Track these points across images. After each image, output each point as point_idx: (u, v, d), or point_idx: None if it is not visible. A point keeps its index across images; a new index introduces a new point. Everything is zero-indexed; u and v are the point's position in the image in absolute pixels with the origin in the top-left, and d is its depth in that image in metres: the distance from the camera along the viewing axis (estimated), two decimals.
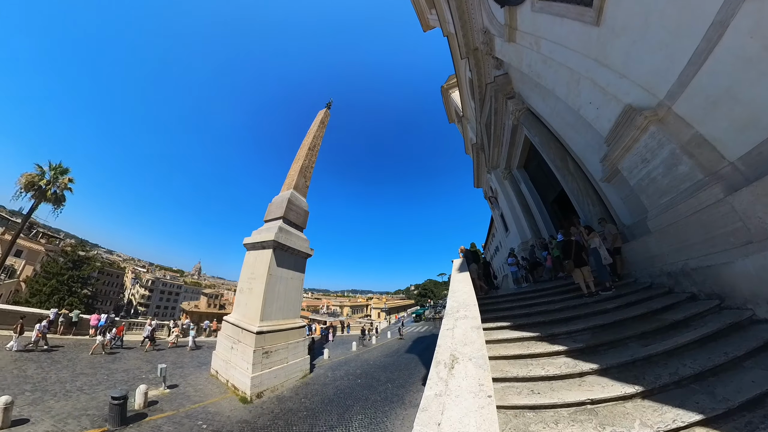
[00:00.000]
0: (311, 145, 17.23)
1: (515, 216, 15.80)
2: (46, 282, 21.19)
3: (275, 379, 10.83)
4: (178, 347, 16.41)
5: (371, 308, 70.22)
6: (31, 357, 10.27)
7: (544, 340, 4.27)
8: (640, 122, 4.83)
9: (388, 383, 11.14)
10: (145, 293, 72.25)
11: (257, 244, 13.57)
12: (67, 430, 6.24)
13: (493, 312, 6.55)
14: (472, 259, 9.26)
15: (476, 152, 19.38)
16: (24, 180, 16.73)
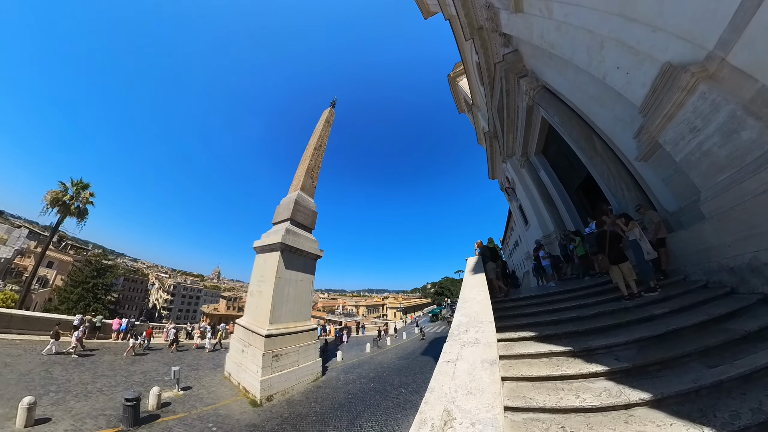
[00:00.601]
0: (317, 145, 17.09)
1: (535, 207, 14.68)
2: (73, 290, 23.11)
3: (285, 382, 10.80)
4: (199, 348, 17.22)
5: (387, 308, 70.17)
6: (58, 360, 10.84)
7: (577, 357, 3.52)
8: (685, 81, 3.99)
9: (401, 388, 10.77)
10: (168, 298, 76.32)
11: (265, 247, 13.61)
12: (85, 429, 6.49)
13: (514, 318, 5.77)
14: (489, 257, 8.35)
15: (489, 141, 18.31)
16: (49, 196, 18.32)
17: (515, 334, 4.61)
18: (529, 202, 15.25)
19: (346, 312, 67.44)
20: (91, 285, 23.79)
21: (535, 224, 16.01)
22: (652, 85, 4.55)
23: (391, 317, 64.07)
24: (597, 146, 7.19)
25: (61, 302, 22.80)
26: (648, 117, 4.93)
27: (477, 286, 5.41)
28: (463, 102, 22.08)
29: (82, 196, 19.56)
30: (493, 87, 11.44)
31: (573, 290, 6.55)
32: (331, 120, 18.73)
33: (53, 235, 20.09)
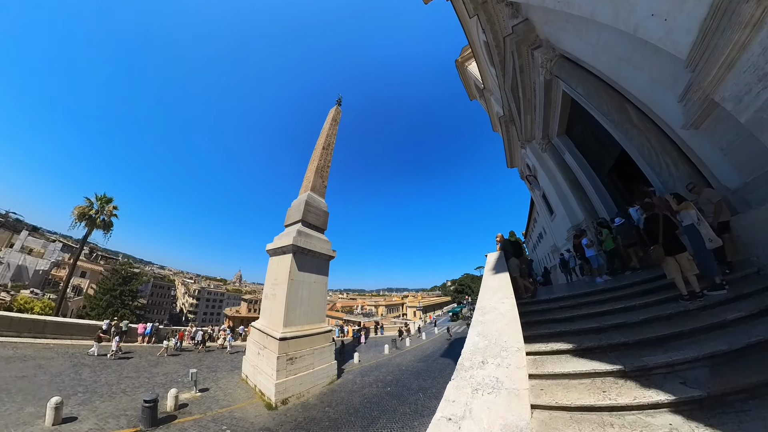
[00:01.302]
0: (325, 144, 17.02)
1: (561, 195, 13.54)
2: (102, 297, 25.34)
3: (301, 385, 10.80)
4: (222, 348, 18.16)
5: (407, 307, 69.71)
6: (87, 362, 11.56)
7: (629, 378, 2.77)
8: (747, 14, 3.13)
9: (419, 392, 10.40)
10: (193, 302, 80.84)
11: (278, 250, 13.73)
12: (107, 428, 6.79)
13: (545, 325, 4.92)
14: (512, 252, 7.36)
15: (505, 126, 17.12)
16: (77, 212, 20.07)
17: (546, 345, 3.89)
18: (554, 190, 14.06)
19: (365, 312, 67.63)
20: (119, 292, 26.05)
21: (561, 214, 14.73)
22: (701, 29, 3.67)
23: (410, 316, 63.65)
24: (632, 117, 6.13)
25: (91, 309, 25.18)
26: (697, 71, 4.02)
27: (499, 291, 4.36)
28: (473, 87, 21.09)
29: (106, 209, 21.40)
30: (505, 65, 10.58)
31: (615, 289, 5.62)
32: (338, 118, 18.59)
33: (82, 247, 22.14)
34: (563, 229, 14.80)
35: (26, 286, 36.26)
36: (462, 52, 19.84)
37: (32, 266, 41.31)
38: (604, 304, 5.14)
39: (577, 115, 10.10)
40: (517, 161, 20.41)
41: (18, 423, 6.33)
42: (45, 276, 41.64)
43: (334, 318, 56.17)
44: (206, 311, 79.98)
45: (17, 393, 7.68)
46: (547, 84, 9.60)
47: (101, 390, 8.96)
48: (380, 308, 70.94)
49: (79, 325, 14.71)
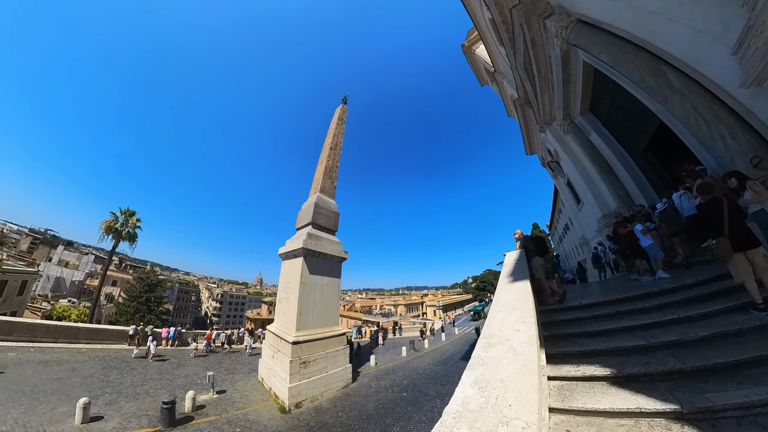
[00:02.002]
0: (332, 145, 17.30)
1: (588, 181, 12.55)
2: (130, 304, 27.80)
3: (314, 389, 11.02)
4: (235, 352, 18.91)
5: (426, 306, 68.95)
6: (115, 365, 12.54)
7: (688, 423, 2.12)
8: None
9: (436, 399, 10.23)
10: (217, 305, 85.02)
11: (289, 253, 14.09)
12: (129, 427, 7.35)
13: (575, 340, 4.09)
14: (535, 250, 6.42)
15: (521, 110, 16.35)
16: (104, 226, 22.32)
17: (576, 368, 3.19)
18: (580, 176, 13.08)
19: (384, 312, 67.44)
20: (145, 299, 28.47)
21: (590, 203, 13.76)
22: None
23: (430, 316, 62.93)
24: (672, 81, 5.24)
25: (120, 315, 27.76)
26: (759, 8, 3.31)
27: (516, 309, 3.34)
28: (483, 72, 20.56)
29: (130, 222, 23.51)
30: (514, 41, 10.09)
31: (664, 293, 4.59)
32: (344, 117, 18.83)
33: (110, 258, 24.74)
34: (592, 219, 13.84)
35: (64, 296, 40.56)
36: (468, 36, 19.44)
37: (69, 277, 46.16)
38: (650, 313, 4.15)
39: (602, 87, 9.30)
40: (537, 147, 19.49)
41: (52, 421, 6.99)
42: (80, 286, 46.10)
43: (353, 318, 56.54)
44: (229, 314, 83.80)
45: (52, 394, 8.47)
46: (564, 56, 8.87)
47: (126, 391, 9.68)
48: (399, 307, 70.39)
49: (108, 330, 16.05)
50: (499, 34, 10.66)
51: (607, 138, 10.69)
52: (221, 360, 16.36)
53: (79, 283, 46.31)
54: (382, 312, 66.76)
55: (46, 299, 34.29)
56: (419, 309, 71.91)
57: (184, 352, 17.10)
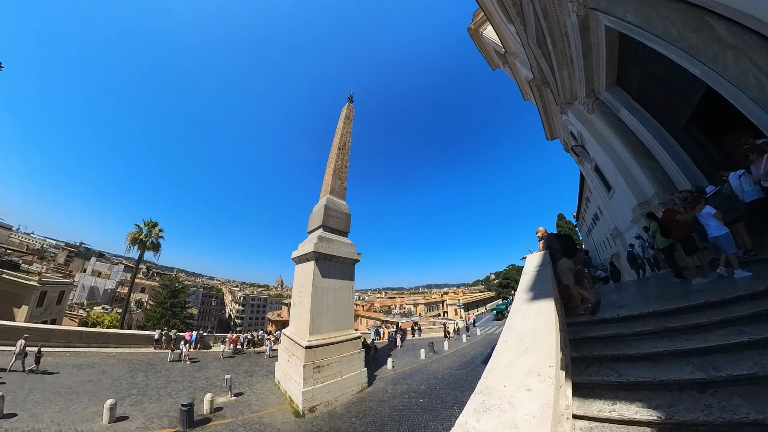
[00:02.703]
0: (340, 145, 17.48)
1: (619, 164, 11.50)
2: (156, 309, 30.51)
3: (328, 393, 11.21)
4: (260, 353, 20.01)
5: (447, 304, 68.07)
6: (141, 367, 13.51)
7: None
8: None
9: (454, 407, 10.04)
10: (240, 308, 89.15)
11: (302, 257, 14.38)
12: (152, 427, 7.93)
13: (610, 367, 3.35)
14: (561, 251, 5.43)
15: (538, 91, 15.33)
16: (130, 237, 24.39)
17: (611, 406, 2.62)
18: (609, 160, 12.10)
19: (404, 312, 67.20)
20: (169, 304, 30.80)
21: (622, 189, 12.67)
22: None
23: (451, 315, 62.04)
24: (720, 34, 4.46)
25: (147, 320, 30.13)
26: None
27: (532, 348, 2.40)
28: (493, 55, 19.77)
29: (153, 233, 25.37)
30: (524, 15, 9.38)
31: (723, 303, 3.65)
32: (351, 116, 18.97)
33: (137, 267, 27.64)
34: (626, 208, 12.76)
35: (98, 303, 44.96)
36: (473, 18, 18.78)
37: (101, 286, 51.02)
38: (710, 332, 3.26)
39: (629, 55, 8.44)
40: (558, 131, 18.33)
41: (82, 420, 7.67)
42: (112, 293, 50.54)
43: (373, 318, 56.88)
44: (251, 316, 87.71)
45: (84, 395, 9.29)
46: (582, 23, 8.14)
47: (151, 393, 10.41)
48: (419, 307, 69.78)
49: (135, 335, 17.41)
50: (506, 10, 10.02)
51: (639, 114, 9.67)
52: (241, 362, 17.11)
53: (111, 291, 50.96)
54: (401, 312, 66.58)
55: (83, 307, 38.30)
56: (440, 308, 71.08)
57: (206, 355, 18.09)
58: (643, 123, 9.61)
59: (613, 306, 5.25)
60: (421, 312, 66.21)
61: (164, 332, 18.04)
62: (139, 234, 24.87)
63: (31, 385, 9.48)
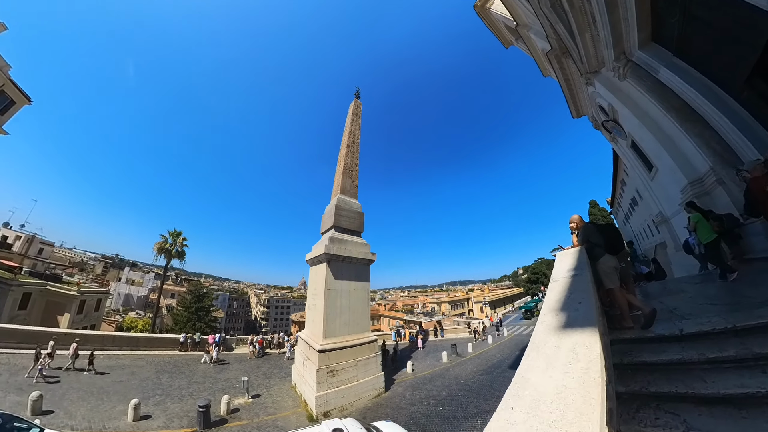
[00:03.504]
0: (349, 142, 17.59)
1: (663, 137, 10.02)
2: (183, 314, 33.40)
3: (343, 398, 11.38)
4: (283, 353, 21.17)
5: (472, 302, 66.33)
6: (167, 369, 14.59)
7: None
8: None
9: (476, 417, 9.67)
10: (264, 310, 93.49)
11: (314, 259, 14.65)
12: (172, 426, 8.58)
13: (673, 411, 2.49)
14: (603, 245, 4.38)
15: (557, 63, 13.83)
16: (156, 247, 26.93)
17: None
18: (650, 133, 10.67)
19: (427, 311, 66.37)
20: (195, 309, 33.52)
21: (667, 167, 11.04)
22: None
23: (476, 313, 60.42)
24: None
25: (175, 324, 33.02)
26: None
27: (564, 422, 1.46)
28: (504, 31, 18.63)
29: (177, 242, 27.79)
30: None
31: None
32: (359, 112, 19.04)
33: (165, 274, 30.37)
34: (673, 189, 11.09)
35: (132, 309, 49.98)
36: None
37: (135, 293, 56.70)
38: None
39: (666, 2, 7.31)
40: (585, 106, 16.66)
41: (110, 418, 8.46)
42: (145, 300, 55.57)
43: (395, 318, 57.07)
44: (276, 317, 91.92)
45: (114, 394, 10.22)
46: None
47: (173, 393, 11.22)
48: (443, 305, 68.62)
49: (162, 338, 18.90)
50: None
51: (684, 72, 8.23)
52: (261, 364, 17.91)
53: (143, 298, 56.23)
54: (424, 311, 65.98)
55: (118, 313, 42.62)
56: (464, 306, 69.42)
57: (229, 356, 19.16)
58: (689, 83, 8.17)
59: (671, 315, 3.94)
60: (444, 311, 65.20)
61: (189, 335, 19.33)
62: (164, 243, 27.37)
63: (68, 385, 10.62)
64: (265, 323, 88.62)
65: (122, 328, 30.39)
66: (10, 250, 28.94)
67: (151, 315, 32.43)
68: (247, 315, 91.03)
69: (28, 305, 21.09)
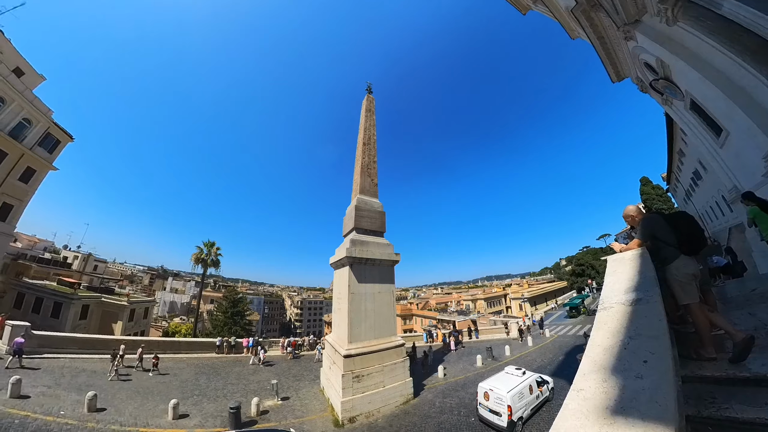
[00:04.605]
0: (365, 140, 17.68)
1: (734, 91, 8.19)
2: (220, 318, 36.85)
3: (370, 404, 11.57)
4: None
5: (510, 298, 63.08)
6: (205, 371, 16.08)
7: None
8: None
9: None
10: (298, 312, 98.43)
11: (337, 263, 14.97)
12: (206, 425, 9.56)
13: None
14: (675, 244, 3.29)
15: (587, 20, 11.84)
16: (193, 258, 30.46)
17: None
18: (715, 87, 8.78)
19: (461, 309, 64.46)
20: (230, 313, 36.84)
21: (742, 127, 8.77)
22: None
23: (515, 311, 57.31)
24: None
25: (213, 328, 36.51)
26: None
27: None
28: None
29: (212, 252, 31.09)
30: None
31: None
32: (372, 107, 19.03)
33: (202, 283, 34.49)
34: (751, 155, 8.99)
35: (177, 315, 56.13)
36: None
37: (179, 300, 64.25)
38: None
39: None
40: (626, 67, 14.34)
41: (153, 416, 9.66)
42: (188, 306, 62.50)
43: (428, 318, 56.57)
44: (309, 319, 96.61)
45: (157, 394, 11.56)
46: None
47: (210, 394, 12.40)
48: (478, 302, 66.10)
49: (201, 342, 21.12)
50: None
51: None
52: (292, 366, 19.01)
53: (186, 304, 63.61)
54: (458, 309, 64.22)
55: (164, 319, 48.27)
56: (501, 303, 66.31)
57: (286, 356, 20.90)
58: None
59: None
60: (480, 309, 62.84)
61: (225, 339, 21.08)
62: (200, 254, 30.60)
63: (119, 386, 12.22)
64: (299, 324, 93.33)
65: (168, 333, 34.86)
66: (71, 269, 35.40)
67: (193, 320, 35.99)
68: (282, 317, 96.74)
69: (88, 315, 25.68)
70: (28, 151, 22.50)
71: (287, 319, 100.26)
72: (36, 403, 9.14)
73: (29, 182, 23.39)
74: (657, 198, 41.17)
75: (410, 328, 58.93)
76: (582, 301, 38.11)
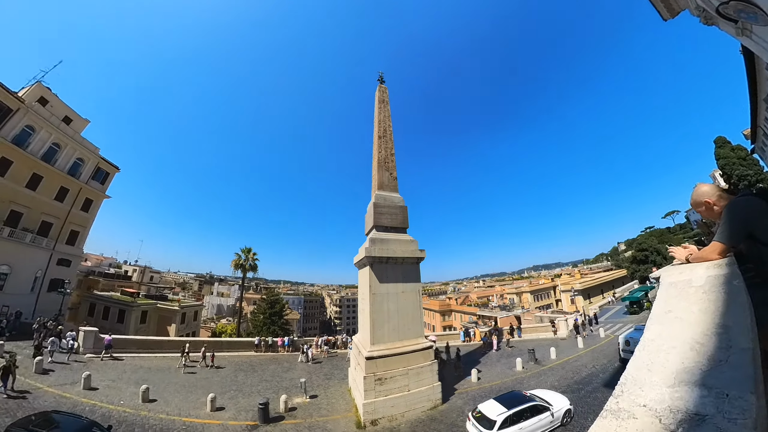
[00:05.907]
0: (380, 133, 17.66)
1: None
2: (260, 318, 40.91)
3: (393, 408, 11.89)
4: None
5: (559, 290, 57.36)
6: (243, 368, 18.08)
7: None
8: None
9: None
10: (337, 309, 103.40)
11: (359, 263, 15.34)
12: (239, 418, 10.99)
13: None
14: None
15: None
16: (233, 263, 34.59)
17: None
18: None
19: (504, 303, 60.60)
20: (269, 314, 40.65)
21: None
22: None
23: (565, 305, 52.11)
24: None
25: (254, 327, 40.70)
26: None
27: None
28: None
29: (249, 257, 35.05)
30: None
31: None
32: (386, 98, 18.92)
33: (243, 287, 39.99)
34: None
35: (223, 317, 64.27)
36: None
37: (225, 303, 74.03)
38: None
39: None
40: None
41: (194, 408, 11.43)
42: (233, 308, 70.10)
43: (467, 314, 54.52)
44: (348, 316, 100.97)
45: (200, 389, 13.46)
46: None
47: (245, 389, 14.08)
48: (523, 296, 61.62)
49: (241, 341, 23.75)
50: None
51: None
52: (323, 365, 20.35)
53: (232, 307, 71.89)
54: (501, 303, 60.12)
55: (213, 320, 55.51)
56: (550, 296, 60.53)
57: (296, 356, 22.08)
58: None
59: None
60: (525, 303, 58.27)
61: (262, 338, 23.32)
62: (239, 260, 34.39)
63: (169, 379, 14.44)
64: (339, 322, 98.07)
65: (215, 333, 40.25)
66: (131, 280, 44.92)
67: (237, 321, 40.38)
68: (322, 315, 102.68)
69: (146, 320, 31.50)
70: (85, 185, 28.77)
71: (327, 317, 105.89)
72: (102, 394, 11.48)
73: (89, 211, 29.92)
74: (738, 162, 34.91)
75: (449, 324, 57.62)
76: (645, 294, 33.53)
